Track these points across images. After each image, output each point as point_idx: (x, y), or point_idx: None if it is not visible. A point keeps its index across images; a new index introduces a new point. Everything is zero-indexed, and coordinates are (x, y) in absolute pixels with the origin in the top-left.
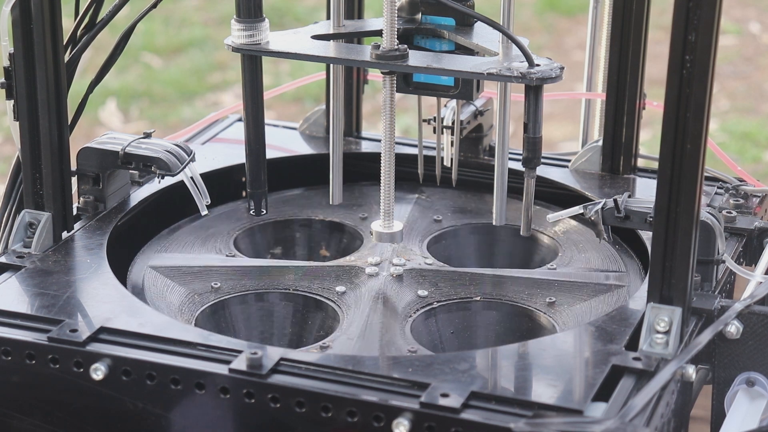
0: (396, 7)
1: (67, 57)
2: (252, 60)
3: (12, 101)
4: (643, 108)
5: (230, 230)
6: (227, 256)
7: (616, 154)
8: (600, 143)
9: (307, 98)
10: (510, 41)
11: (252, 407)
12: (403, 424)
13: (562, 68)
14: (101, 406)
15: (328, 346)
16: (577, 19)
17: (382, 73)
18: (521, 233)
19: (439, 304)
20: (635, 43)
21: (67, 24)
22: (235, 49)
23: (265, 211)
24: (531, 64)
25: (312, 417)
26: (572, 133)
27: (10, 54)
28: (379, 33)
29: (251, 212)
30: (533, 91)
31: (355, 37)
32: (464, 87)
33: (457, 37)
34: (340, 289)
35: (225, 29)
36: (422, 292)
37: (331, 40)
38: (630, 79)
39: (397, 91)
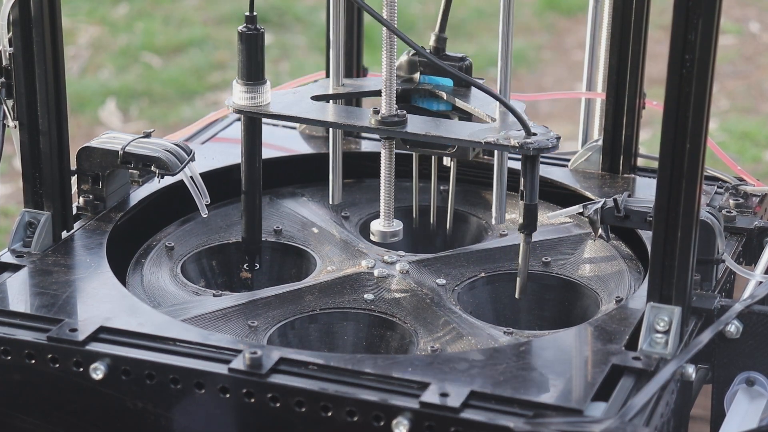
0: (395, 71)
1: None
2: (252, 121)
3: (12, 101)
4: (643, 107)
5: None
6: (214, 295)
7: (616, 154)
8: (600, 143)
9: None
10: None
11: (252, 407)
12: (403, 423)
13: (558, 138)
14: (101, 406)
15: (437, 348)
16: (577, 18)
17: (381, 137)
18: (516, 295)
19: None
20: (635, 42)
21: (67, 24)
22: (237, 111)
23: (258, 266)
24: (528, 132)
25: (312, 417)
26: (572, 132)
27: (10, 54)
28: (378, 93)
29: (245, 266)
30: (530, 160)
31: (354, 98)
32: (461, 147)
33: (454, 99)
34: (368, 296)
35: (225, 29)
36: (440, 281)
37: (331, 101)
38: (630, 78)
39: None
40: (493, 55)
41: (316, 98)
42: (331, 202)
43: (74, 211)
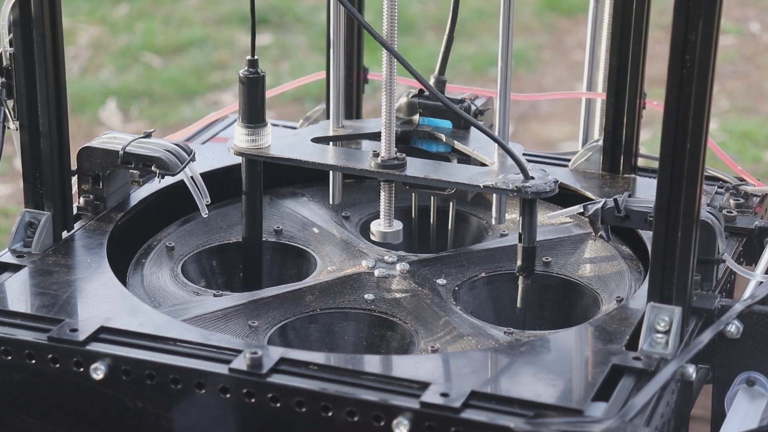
0: (394, 115)
1: None
2: (253, 163)
3: (12, 101)
4: (644, 107)
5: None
6: (215, 296)
7: (616, 154)
8: (600, 143)
9: (307, 98)
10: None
11: (252, 407)
12: (403, 423)
13: (556, 181)
14: (101, 406)
15: (438, 348)
16: (577, 18)
17: (380, 180)
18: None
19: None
20: (635, 42)
21: (67, 24)
22: (238, 153)
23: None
24: (526, 176)
25: (312, 417)
26: (572, 132)
27: (10, 54)
28: (377, 136)
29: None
30: (528, 203)
31: (354, 140)
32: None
33: (453, 142)
34: (368, 297)
35: (225, 29)
36: (440, 281)
37: (331, 144)
38: (630, 78)
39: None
40: (493, 55)
41: (316, 140)
42: (331, 202)
43: (74, 211)
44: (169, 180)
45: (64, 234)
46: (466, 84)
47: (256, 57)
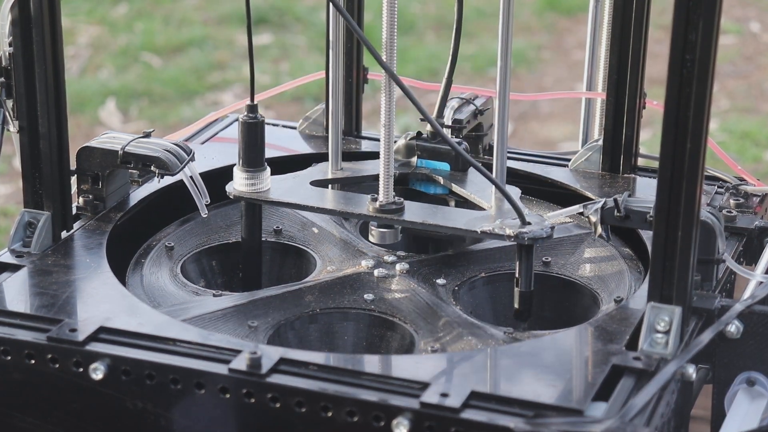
0: (393, 159)
1: None
2: (252, 206)
3: (12, 101)
4: (644, 107)
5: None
6: (214, 296)
7: (616, 154)
8: (600, 142)
9: (307, 97)
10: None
11: (252, 407)
12: (403, 423)
13: (552, 227)
14: (101, 406)
15: (437, 348)
16: (577, 18)
17: (378, 225)
18: None
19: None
20: (635, 42)
21: (67, 24)
22: (238, 198)
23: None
24: (523, 221)
25: (312, 417)
26: (572, 132)
27: (10, 54)
28: (376, 178)
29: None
30: (525, 249)
31: (353, 183)
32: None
33: (451, 185)
34: (368, 297)
35: (225, 29)
36: (440, 281)
37: (330, 187)
38: (630, 78)
39: None
40: (493, 55)
41: (315, 183)
42: None
43: (74, 211)
44: (168, 180)
45: (64, 234)
46: (466, 84)
47: (256, 102)
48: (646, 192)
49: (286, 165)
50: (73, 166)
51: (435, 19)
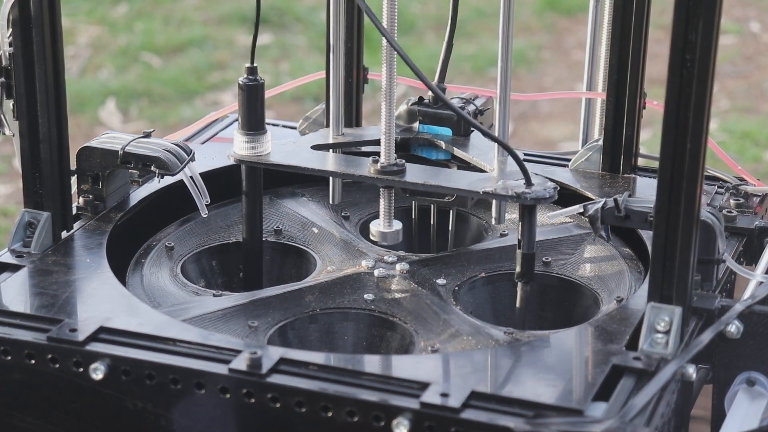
0: (394, 121)
1: None
2: (253, 170)
3: (12, 101)
4: (644, 107)
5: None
6: (215, 296)
7: (617, 154)
8: (600, 142)
9: (307, 97)
10: (505, 155)
11: (252, 407)
12: (403, 423)
13: (555, 188)
14: (101, 406)
15: (437, 348)
16: (577, 18)
17: (379, 187)
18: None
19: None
20: (635, 42)
21: (67, 24)
22: (238, 161)
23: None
24: (528, 181)
25: (312, 417)
26: (572, 132)
27: (10, 54)
28: (377, 143)
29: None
30: (527, 209)
31: (353, 147)
32: (459, 196)
33: (453, 149)
34: (368, 297)
35: (225, 29)
36: (440, 281)
37: (330, 151)
38: (630, 78)
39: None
40: (493, 55)
41: (316, 148)
42: (331, 202)
43: (74, 211)
44: (168, 180)
45: (64, 234)
46: (466, 84)
47: (255, 64)
48: (646, 192)
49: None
50: (73, 166)
51: (435, 19)
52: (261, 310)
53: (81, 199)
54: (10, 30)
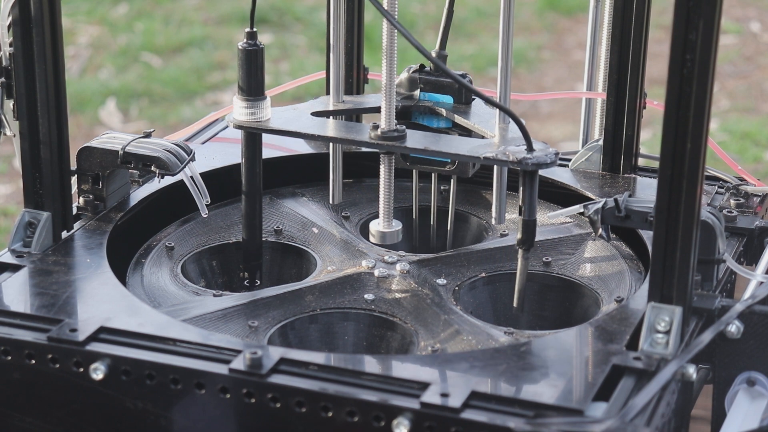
0: (394, 88)
1: None
2: (252, 136)
3: (12, 101)
4: (644, 107)
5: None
6: (215, 296)
7: (617, 154)
8: (600, 142)
9: (307, 97)
10: (506, 122)
11: (252, 407)
12: (403, 423)
13: (556, 154)
14: (101, 406)
15: (437, 348)
16: (577, 18)
17: (380, 152)
18: (514, 307)
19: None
20: (635, 42)
21: (67, 23)
22: (237, 126)
23: (259, 283)
24: (530, 146)
25: (312, 417)
26: (572, 132)
27: (10, 54)
28: (377, 110)
29: (245, 282)
30: (529, 175)
31: (354, 114)
32: (460, 164)
33: (454, 116)
34: (368, 297)
35: (225, 29)
36: (440, 281)
37: (330, 117)
38: (630, 78)
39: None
40: (493, 55)
41: (316, 114)
42: (331, 202)
43: (74, 211)
44: (168, 180)
45: (64, 234)
46: None
47: (255, 29)
48: (646, 192)
49: (286, 165)
50: (73, 166)
51: (435, 19)
52: (261, 310)
53: (81, 199)
54: (11, 30)
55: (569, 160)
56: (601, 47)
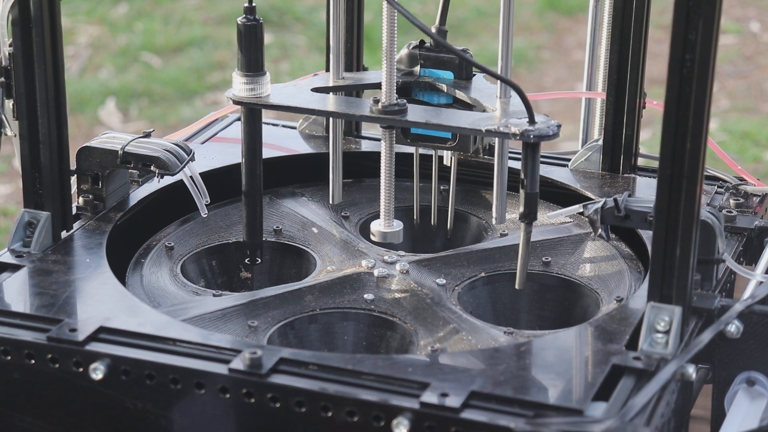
0: (395, 62)
1: None
2: (252, 112)
3: (12, 101)
4: (644, 107)
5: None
6: (214, 295)
7: (617, 154)
8: (600, 142)
9: None
10: (507, 96)
11: (252, 407)
12: (403, 423)
13: (559, 126)
14: (100, 406)
15: (437, 348)
16: (577, 18)
17: (381, 127)
18: (516, 286)
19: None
20: (635, 42)
21: (67, 23)
22: (237, 102)
23: (260, 261)
24: (532, 118)
25: (312, 417)
26: (572, 132)
27: (10, 54)
28: (378, 86)
29: (246, 261)
30: (531, 148)
31: (354, 90)
32: (461, 140)
33: (455, 91)
34: (368, 296)
35: (225, 29)
36: (440, 281)
37: (331, 93)
38: (630, 78)
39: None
40: (493, 55)
41: (316, 91)
42: (331, 202)
43: (74, 211)
44: (168, 180)
45: (64, 234)
46: None
47: (254, 4)
48: (646, 192)
49: (286, 165)
50: (73, 166)
51: (435, 19)
52: (261, 310)
53: (81, 199)
54: (11, 30)
55: (569, 160)
56: (600, 47)
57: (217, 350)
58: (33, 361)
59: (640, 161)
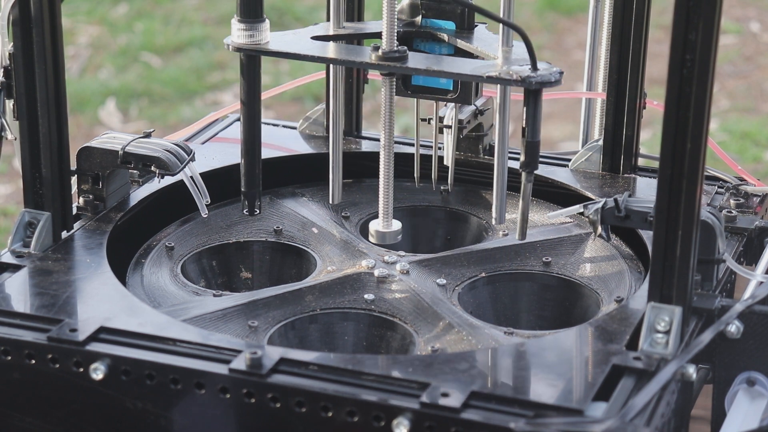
0: (395, 9)
1: None
2: (251, 60)
3: (12, 101)
4: (644, 107)
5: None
6: (215, 296)
7: (617, 154)
8: (600, 143)
9: (307, 97)
10: (510, 45)
11: (252, 407)
12: (403, 423)
13: (561, 73)
14: (101, 406)
15: (437, 348)
16: (577, 18)
17: (381, 74)
18: (517, 238)
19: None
20: (635, 42)
21: (67, 23)
22: (236, 49)
23: (258, 212)
24: (534, 65)
25: (312, 417)
26: (572, 132)
27: (10, 54)
28: (379, 35)
29: (245, 212)
30: (532, 95)
31: (354, 39)
32: (463, 91)
33: (456, 41)
34: (368, 297)
35: (225, 29)
36: (440, 281)
37: (331, 42)
38: (630, 78)
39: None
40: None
41: (316, 39)
42: (331, 202)
43: (74, 211)
44: (168, 180)
45: (64, 234)
46: None
47: None
48: (646, 192)
49: (286, 165)
50: (73, 166)
51: None
52: (261, 310)
53: (81, 199)
54: (11, 30)
55: (569, 160)
56: (601, 47)
57: (217, 350)
58: (33, 361)
59: (641, 161)
